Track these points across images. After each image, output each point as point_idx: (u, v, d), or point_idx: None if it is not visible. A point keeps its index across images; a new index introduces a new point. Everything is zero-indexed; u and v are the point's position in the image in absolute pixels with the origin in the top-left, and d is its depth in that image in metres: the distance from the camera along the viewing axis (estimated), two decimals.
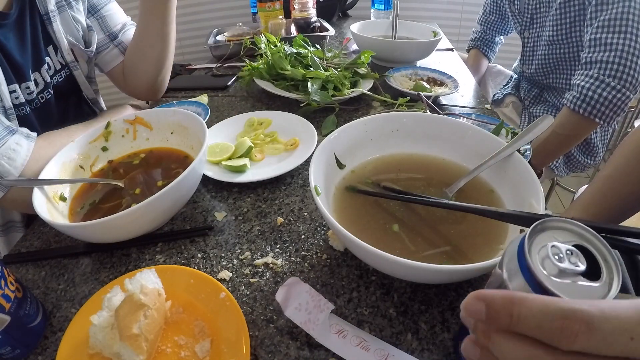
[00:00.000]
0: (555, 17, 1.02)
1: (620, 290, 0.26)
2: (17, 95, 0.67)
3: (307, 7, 1.28)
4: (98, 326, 0.38)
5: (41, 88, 0.73)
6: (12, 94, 0.66)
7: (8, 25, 0.66)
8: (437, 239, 0.47)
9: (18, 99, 0.68)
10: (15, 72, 0.67)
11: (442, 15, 1.94)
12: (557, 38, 1.05)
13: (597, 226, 0.32)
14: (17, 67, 0.67)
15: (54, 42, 0.74)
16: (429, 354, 0.39)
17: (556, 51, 1.08)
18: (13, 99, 0.66)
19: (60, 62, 0.77)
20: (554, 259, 0.27)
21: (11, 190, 0.59)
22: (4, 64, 0.64)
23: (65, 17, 0.76)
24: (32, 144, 0.61)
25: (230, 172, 0.65)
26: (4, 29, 0.65)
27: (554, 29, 1.04)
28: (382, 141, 0.58)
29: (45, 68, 0.73)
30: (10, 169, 0.57)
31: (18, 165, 0.58)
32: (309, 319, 0.40)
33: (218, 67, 1.13)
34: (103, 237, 0.51)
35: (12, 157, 0.58)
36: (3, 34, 0.65)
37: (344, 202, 0.52)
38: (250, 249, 0.52)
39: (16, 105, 0.67)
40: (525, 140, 0.51)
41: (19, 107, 0.68)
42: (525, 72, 1.23)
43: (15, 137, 0.59)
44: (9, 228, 0.77)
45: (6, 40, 0.65)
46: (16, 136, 0.60)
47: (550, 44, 1.07)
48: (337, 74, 0.86)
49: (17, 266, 0.52)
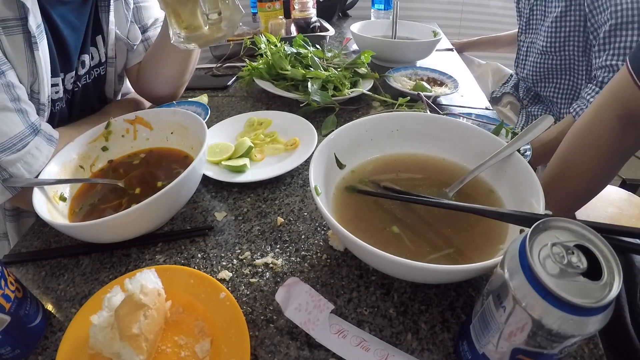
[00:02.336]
0: (551, 28, 1.01)
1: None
2: (57, 89, 0.64)
3: (307, 7, 1.28)
4: (98, 326, 0.38)
5: (74, 80, 0.69)
6: (54, 88, 0.62)
7: (72, 5, 0.62)
8: (437, 239, 0.47)
9: (58, 93, 0.64)
10: (63, 61, 0.63)
11: (442, 15, 1.95)
12: (550, 49, 1.04)
13: (597, 226, 0.32)
14: (67, 54, 0.63)
15: (103, 32, 0.71)
16: (429, 354, 0.39)
17: (548, 61, 1.08)
18: (53, 93, 0.62)
19: (106, 55, 0.73)
20: (555, 259, 0.27)
21: None
22: (54, 52, 0.60)
23: (118, 7, 0.73)
24: (52, 148, 0.59)
25: (230, 172, 0.65)
26: (65, 7, 0.61)
27: (549, 40, 1.03)
28: (382, 141, 0.58)
29: (85, 58, 0.69)
30: (26, 173, 0.55)
31: (34, 171, 0.56)
32: (308, 319, 0.40)
33: (218, 67, 1.13)
34: (103, 237, 0.51)
35: (30, 162, 0.56)
36: (62, 15, 0.60)
37: (344, 202, 0.52)
38: (250, 249, 0.52)
39: (54, 100, 0.64)
40: (525, 140, 0.51)
41: (56, 102, 0.65)
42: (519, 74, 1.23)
43: (36, 139, 0.57)
44: (20, 214, 0.75)
45: (63, 23, 0.61)
46: (38, 139, 0.57)
47: (544, 53, 1.07)
48: (337, 74, 0.86)
49: (17, 266, 0.52)
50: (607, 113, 0.56)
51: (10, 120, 0.54)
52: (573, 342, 0.27)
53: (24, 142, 0.55)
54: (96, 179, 0.62)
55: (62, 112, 0.68)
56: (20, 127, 0.55)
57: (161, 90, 0.83)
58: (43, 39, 0.57)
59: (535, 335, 0.28)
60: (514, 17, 1.40)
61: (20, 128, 0.55)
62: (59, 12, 0.61)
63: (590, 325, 0.26)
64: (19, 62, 0.56)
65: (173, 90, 0.85)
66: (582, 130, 0.59)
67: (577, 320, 0.26)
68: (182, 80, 0.84)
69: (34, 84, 0.59)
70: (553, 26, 1.01)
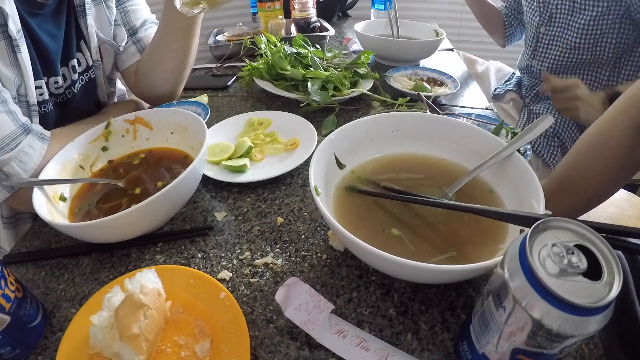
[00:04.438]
0: (587, 26, 1.02)
1: (622, 289, 0.26)
2: (42, 91, 0.65)
3: (307, 7, 1.28)
4: (98, 326, 0.38)
5: (68, 84, 0.71)
6: (37, 90, 0.64)
7: (45, 15, 0.64)
8: (437, 239, 0.47)
9: (42, 95, 0.66)
10: (45, 66, 0.65)
11: (442, 15, 1.95)
12: (583, 45, 1.04)
13: (598, 226, 0.32)
14: (48, 60, 0.66)
15: (84, 37, 0.72)
16: (429, 354, 0.39)
17: (577, 56, 1.08)
18: (37, 95, 0.64)
19: (92, 59, 0.75)
20: (555, 259, 0.27)
21: None
22: (34, 56, 0.62)
23: (100, 11, 0.74)
24: (45, 146, 0.60)
25: (230, 172, 0.65)
26: (40, 18, 0.63)
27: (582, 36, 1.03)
28: (382, 141, 0.58)
29: (74, 63, 0.71)
30: (21, 171, 0.56)
31: (29, 169, 0.57)
32: (308, 319, 0.40)
33: (218, 67, 1.13)
34: (103, 237, 0.51)
35: (24, 160, 0.57)
36: (38, 24, 0.63)
37: (344, 202, 0.52)
38: (250, 249, 0.52)
39: (39, 102, 0.65)
40: (525, 141, 0.51)
41: (42, 104, 0.66)
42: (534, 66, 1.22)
43: (29, 138, 0.58)
44: (17, 220, 0.76)
45: (41, 31, 0.63)
46: (30, 137, 0.58)
47: (573, 48, 1.07)
48: (337, 74, 0.86)
49: (17, 266, 0.52)
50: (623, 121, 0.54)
51: (0, 121, 0.55)
52: (573, 342, 0.27)
53: (16, 142, 0.56)
54: (96, 179, 0.62)
55: (50, 115, 0.69)
56: (12, 127, 0.56)
57: (161, 88, 0.83)
58: (24, 44, 0.60)
59: (535, 335, 0.28)
60: None
61: (12, 128, 0.56)
62: (35, 21, 0.63)
63: (590, 325, 0.26)
64: (4, 66, 0.58)
65: (173, 87, 0.85)
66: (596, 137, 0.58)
67: (577, 320, 0.26)
68: (182, 77, 0.84)
69: (21, 87, 0.60)
70: (590, 24, 1.01)
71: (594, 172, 0.58)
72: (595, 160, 0.58)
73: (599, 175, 0.58)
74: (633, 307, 0.38)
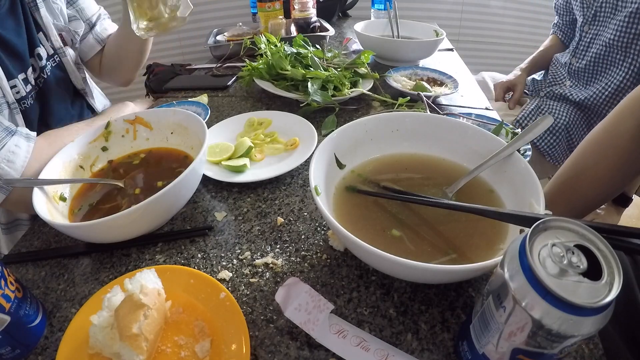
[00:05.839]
0: (623, 23, 1.01)
1: (624, 289, 0.26)
2: (18, 89, 0.68)
3: (307, 7, 1.28)
4: (98, 326, 0.38)
5: (38, 72, 0.75)
6: (13, 89, 0.67)
7: (2, 14, 0.67)
8: (437, 239, 0.47)
9: (19, 93, 0.68)
10: (15, 61, 0.68)
11: (442, 15, 1.94)
12: (618, 43, 1.04)
13: (597, 226, 0.32)
14: (17, 55, 0.68)
15: (42, 28, 0.76)
16: (429, 354, 0.39)
17: (612, 55, 1.07)
18: (14, 93, 0.67)
19: (52, 48, 0.79)
20: (555, 259, 0.27)
21: (13, 192, 0.59)
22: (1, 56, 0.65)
23: (50, 5, 0.78)
24: (32, 144, 0.61)
25: (230, 172, 0.65)
26: None
27: (618, 34, 1.03)
28: (382, 141, 0.58)
29: (39, 52, 0.75)
30: (11, 171, 0.57)
31: (18, 168, 0.58)
32: (308, 319, 0.40)
33: (218, 67, 1.13)
34: (103, 237, 0.51)
35: (12, 159, 0.58)
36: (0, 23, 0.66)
37: (344, 202, 0.52)
38: (250, 249, 0.52)
39: (18, 100, 0.68)
40: (525, 141, 0.51)
41: (21, 101, 0.69)
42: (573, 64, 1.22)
43: (14, 138, 0.59)
44: (15, 226, 0.77)
45: (3, 29, 0.66)
46: (15, 138, 0.59)
47: (609, 46, 1.07)
48: (337, 74, 0.86)
49: (17, 266, 0.52)
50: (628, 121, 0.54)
51: None
52: (573, 342, 0.27)
53: (2, 143, 0.58)
54: (96, 179, 0.62)
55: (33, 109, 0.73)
56: None
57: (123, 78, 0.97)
58: None
59: (535, 335, 0.28)
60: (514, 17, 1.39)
61: None
62: None
63: (591, 325, 0.26)
64: None
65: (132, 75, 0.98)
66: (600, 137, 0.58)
67: (577, 320, 0.26)
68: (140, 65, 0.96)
69: None
70: (625, 21, 1.00)
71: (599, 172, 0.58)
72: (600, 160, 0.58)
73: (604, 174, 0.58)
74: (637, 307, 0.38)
